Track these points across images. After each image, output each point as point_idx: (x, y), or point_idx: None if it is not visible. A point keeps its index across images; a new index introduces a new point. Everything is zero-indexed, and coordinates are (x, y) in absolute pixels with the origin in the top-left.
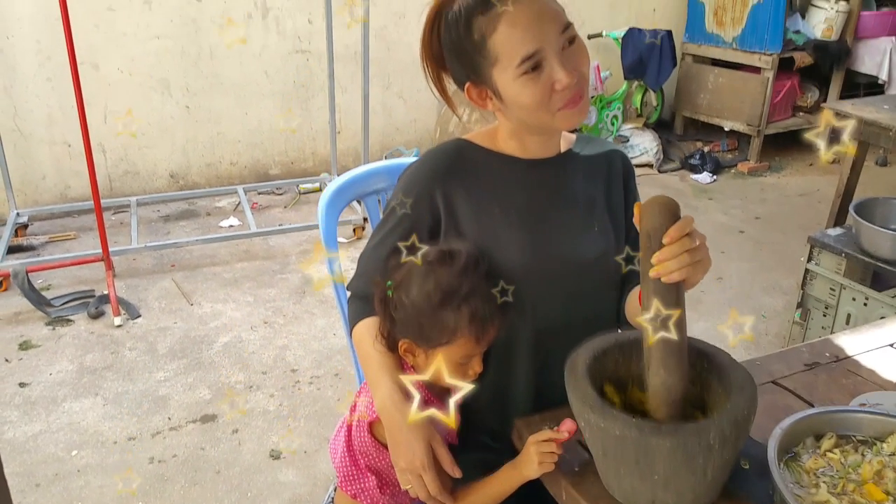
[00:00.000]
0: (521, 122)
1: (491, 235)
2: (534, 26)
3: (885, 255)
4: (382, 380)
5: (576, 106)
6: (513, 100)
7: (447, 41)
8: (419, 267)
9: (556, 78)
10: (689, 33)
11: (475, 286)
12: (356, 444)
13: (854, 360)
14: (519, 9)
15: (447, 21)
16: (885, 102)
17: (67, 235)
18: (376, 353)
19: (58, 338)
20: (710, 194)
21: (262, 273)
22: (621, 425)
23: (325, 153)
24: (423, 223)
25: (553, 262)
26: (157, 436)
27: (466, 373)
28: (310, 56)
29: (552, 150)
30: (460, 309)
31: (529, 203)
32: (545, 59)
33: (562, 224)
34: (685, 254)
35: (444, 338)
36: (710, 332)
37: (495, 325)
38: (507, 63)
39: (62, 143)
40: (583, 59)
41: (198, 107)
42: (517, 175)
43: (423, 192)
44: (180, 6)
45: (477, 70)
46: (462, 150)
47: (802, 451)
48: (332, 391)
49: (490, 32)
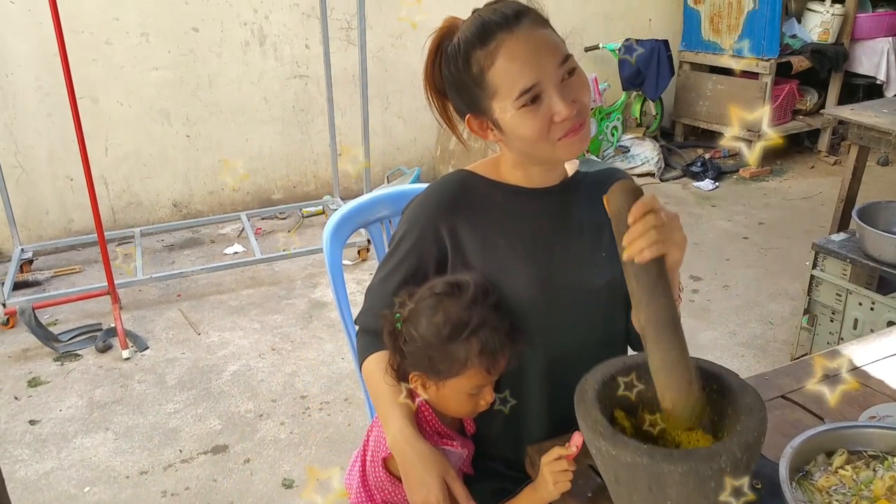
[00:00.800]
0: (522, 152)
1: (498, 268)
2: (532, 59)
3: (889, 260)
4: (394, 415)
5: (576, 135)
6: (512, 132)
7: (447, 74)
8: (427, 300)
9: (556, 110)
10: (686, 42)
11: (484, 317)
12: (371, 478)
13: (863, 371)
14: (517, 42)
15: (447, 54)
16: (884, 106)
17: (72, 269)
18: (387, 388)
19: (66, 373)
20: (713, 201)
21: (269, 299)
22: (632, 452)
23: (327, 176)
24: (429, 257)
25: (561, 291)
26: (168, 469)
27: (478, 403)
28: (308, 80)
29: (556, 177)
30: (470, 341)
31: (535, 233)
32: (544, 91)
33: (568, 253)
34: (652, 230)
35: (455, 370)
36: (717, 341)
37: (505, 355)
38: (506, 96)
39: (64, 177)
40: (583, 89)
41: (198, 135)
42: (521, 206)
43: (429, 227)
44: (177, 37)
45: (476, 102)
46: (466, 183)
47: (814, 468)
48: (342, 416)
49: (488, 66)
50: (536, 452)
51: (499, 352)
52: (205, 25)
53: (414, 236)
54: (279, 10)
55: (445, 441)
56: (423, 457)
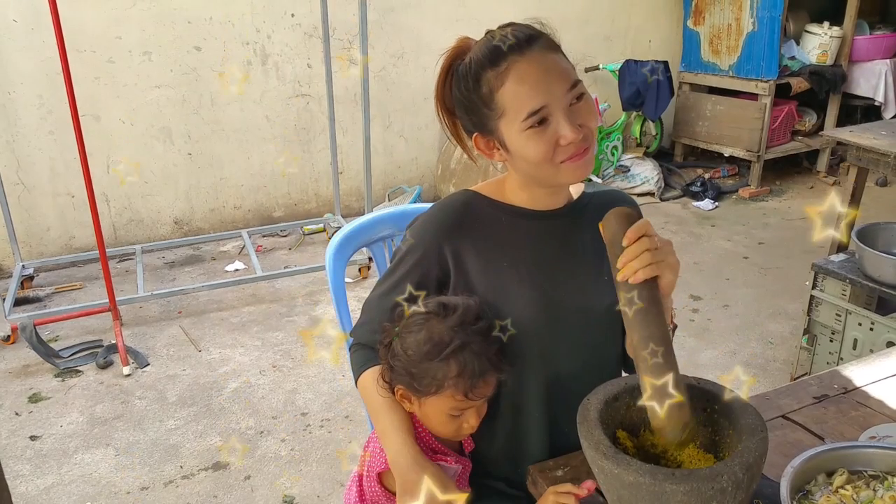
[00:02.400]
0: (527, 174)
1: (500, 289)
2: (541, 83)
3: (888, 280)
4: (393, 434)
5: (581, 159)
6: (518, 153)
7: (457, 93)
8: (417, 317)
9: (562, 133)
10: (686, 62)
11: (467, 341)
12: (367, 494)
13: (863, 391)
14: (528, 65)
15: (458, 73)
16: (883, 129)
17: (73, 286)
18: (385, 404)
19: (67, 389)
20: (713, 221)
21: (269, 316)
22: (635, 472)
23: (328, 194)
24: (430, 276)
25: (563, 314)
26: (169, 485)
27: (461, 426)
28: (310, 99)
29: (561, 200)
30: (448, 362)
31: (538, 256)
32: (551, 114)
33: (571, 276)
34: (646, 253)
35: (433, 389)
36: (717, 360)
37: (489, 382)
38: (514, 117)
39: (65, 194)
40: (590, 115)
41: (200, 153)
42: (525, 228)
43: (432, 246)
44: (180, 56)
45: (484, 122)
46: (471, 204)
47: (815, 488)
48: (343, 433)
49: (498, 87)
50: (538, 472)
51: (478, 377)
52: (207, 45)
53: (417, 254)
54: (281, 30)
55: (439, 457)
56: (431, 478)
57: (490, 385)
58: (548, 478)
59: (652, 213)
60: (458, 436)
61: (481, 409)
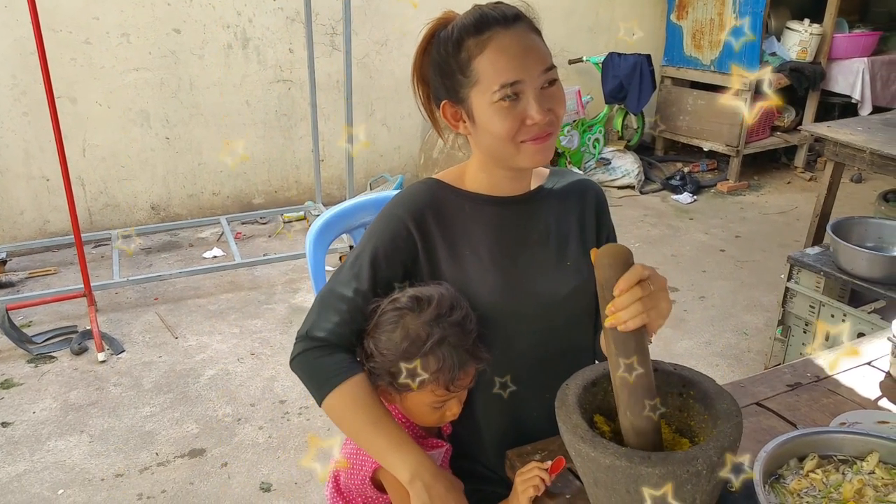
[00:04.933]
0: (487, 150)
1: (463, 276)
2: (519, 57)
3: (861, 273)
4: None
5: (541, 143)
6: (484, 125)
7: (435, 55)
8: (389, 313)
9: (530, 113)
10: (668, 57)
11: (445, 335)
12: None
13: (834, 380)
14: (510, 39)
15: (439, 38)
16: (859, 125)
17: (48, 271)
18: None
19: (40, 375)
20: (691, 214)
21: (248, 304)
22: (612, 455)
23: (309, 181)
24: (396, 263)
25: (525, 300)
26: (144, 472)
27: (444, 414)
28: (291, 85)
29: (524, 187)
30: (427, 358)
31: (500, 243)
32: (523, 92)
33: (533, 262)
34: (637, 303)
35: (414, 385)
36: (693, 351)
37: (468, 372)
38: (487, 87)
39: (40, 177)
40: (559, 102)
41: (178, 138)
42: (488, 215)
43: (398, 233)
44: (159, 38)
45: (457, 88)
46: (434, 191)
47: (787, 472)
48: (321, 421)
49: (477, 54)
50: (517, 456)
51: (457, 369)
52: (187, 27)
53: (379, 243)
54: (263, 14)
55: (426, 441)
56: (452, 487)
57: (470, 375)
58: (526, 462)
59: (631, 206)
60: (441, 423)
61: (462, 397)
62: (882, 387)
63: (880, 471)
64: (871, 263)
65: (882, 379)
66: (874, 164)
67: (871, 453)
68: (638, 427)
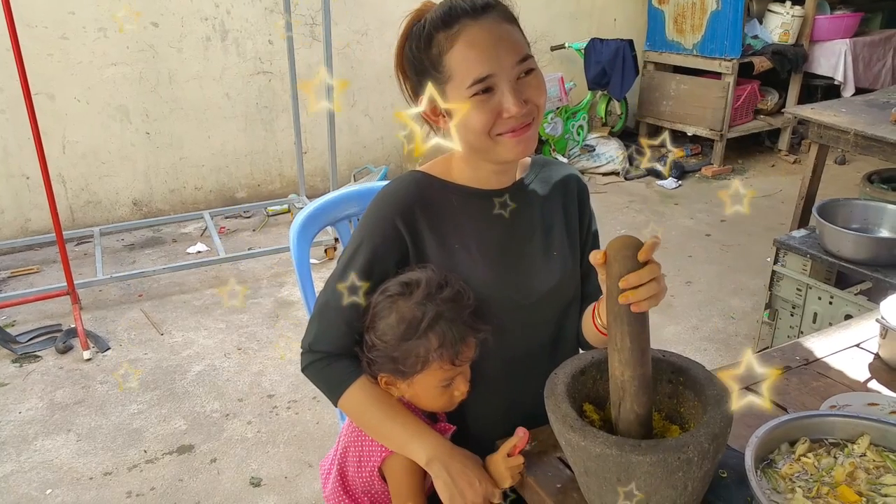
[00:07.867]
0: (467, 145)
1: (453, 269)
2: (490, 51)
3: (847, 255)
4: (423, 431)
5: (521, 135)
6: (460, 121)
7: (408, 53)
8: (382, 303)
9: (505, 106)
10: (650, 41)
11: (439, 311)
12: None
13: (823, 363)
14: (479, 31)
15: (412, 33)
16: (843, 106)
17: (30, 269)
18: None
19: (26, 375)
20: (676, 199)
21: (234, 299)
22: (602, 444)
23: (292, 174)
24: (388, 263)
25: (514, 292)
26: (133, 469)
27: (452, 395)
28: (272, 77)
29: (509, 179)
30: (427, 336)
31: (487, 235)
32: (496, 85)
33: (520, 254)
34: (653, 282)
35: (418, 366)
36: (680, 336)
37: (469, 344)
38: (460, 83)
39: (20, 175)
40: (539, 91)
41: (158, 132)
42: (475, 208)
43: (388, 233)
44: (136, 32)
45: (433, 85)
46: (421, 185)
47: (778, 457)
48: (310, 414)
49: (447, 49)
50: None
51: (459, 342)
52: (164, 20)
53: (370, 247)
54: (241, 5)
55: (437, 424)
56: (468, 462)
57: (472, 347)
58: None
59: (616, 192)
60: (451, 405)
61: (467, 373)
62: (871, 369)
63: (871, 453)
64: (857, 245)
65: (871, 361)
66: (858, 145)
67: (861, 436)
68: (643, 416)
